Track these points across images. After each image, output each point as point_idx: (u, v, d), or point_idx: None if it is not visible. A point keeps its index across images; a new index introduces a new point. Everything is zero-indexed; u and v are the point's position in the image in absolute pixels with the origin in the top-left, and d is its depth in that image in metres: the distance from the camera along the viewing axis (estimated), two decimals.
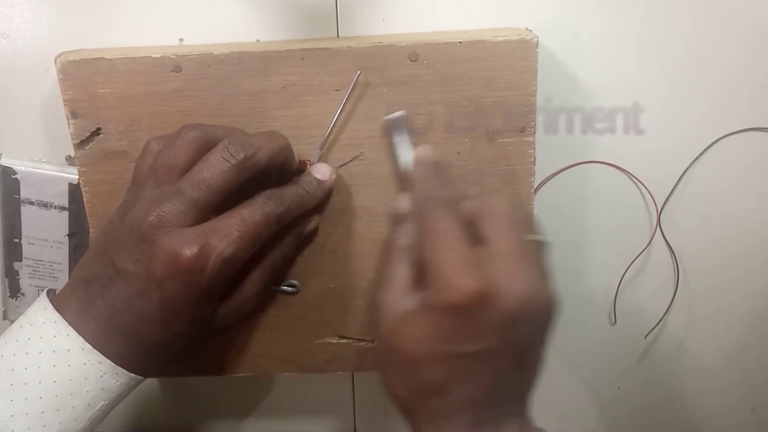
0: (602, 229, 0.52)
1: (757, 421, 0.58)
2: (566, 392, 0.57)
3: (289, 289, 0.47)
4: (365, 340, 0.48)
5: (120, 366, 0.38)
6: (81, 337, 0.37)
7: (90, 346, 0.37)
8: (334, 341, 0.48)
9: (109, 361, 0.37)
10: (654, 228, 0.51)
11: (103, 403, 0.38)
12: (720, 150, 0.49)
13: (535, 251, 0.37)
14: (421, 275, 0.36)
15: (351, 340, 0.48)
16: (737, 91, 0.48)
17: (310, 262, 0.47)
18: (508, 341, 0.34)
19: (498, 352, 0.35)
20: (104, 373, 0.37)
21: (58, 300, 0.39)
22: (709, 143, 0.49)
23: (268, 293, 0.47)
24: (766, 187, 0.51)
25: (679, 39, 0.47)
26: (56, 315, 0.38)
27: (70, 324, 0.37)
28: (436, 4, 0.46)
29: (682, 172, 0.50)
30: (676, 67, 0.47)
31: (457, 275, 0.34)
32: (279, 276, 0.46)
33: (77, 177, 0.46)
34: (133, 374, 0.39)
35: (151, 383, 0.56)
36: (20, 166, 0.49)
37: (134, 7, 0.46)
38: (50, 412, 0.37)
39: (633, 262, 0.52)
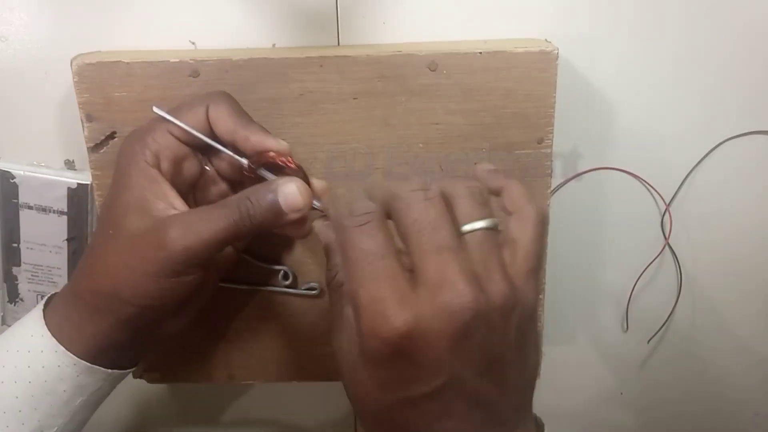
0: (611, 236, 0.52)
1: (761, 426, 0.58)
2: (570, 396, 0.58)
3: (311, 292, 0.47)
4: None
5: (95, 364, 0.37)
6: (54, 338, 0.37)
7: (63, 348, 0.36)
8: None
9: (84, 362, 0.37)
10: (667, 235, 0.51)
11: (81, 399, 0.38)
12: (723, 153, 0.50)
13: (478, 243, 0.29)
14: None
15: None
16: (741, 95, 0.48)
17: (323, 270, 0.46)
18: (464, 366, 0.28)
19: (459, 379, 0.29)
20: (80, 374, 0.37)
21: (49, 302, 0.39)
22: (713, 146, 0.49)
23: (291, 298, 0.47)
24: None
25: (682, 42, 0.47)
26: (38, 313, 0.38)
27: (47, 325, 0.37)
28: (436, 8, 0.46)
29: (685, 176, 0.50)
30: (677, 71, 0.48)
31: (379, 317, 0.28)
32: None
33: (76, 181, 0.45)
34: (110, 370, 0.38)
35: (156, 388, 0.55)
36: (18, 170, 0.48)
37: (132, 11, 0.45)
38: (27, 410, 0.37)
39: (646, 269, 0.52)
